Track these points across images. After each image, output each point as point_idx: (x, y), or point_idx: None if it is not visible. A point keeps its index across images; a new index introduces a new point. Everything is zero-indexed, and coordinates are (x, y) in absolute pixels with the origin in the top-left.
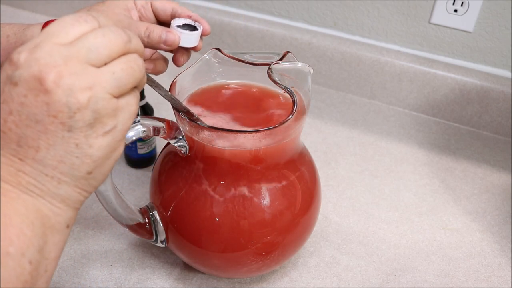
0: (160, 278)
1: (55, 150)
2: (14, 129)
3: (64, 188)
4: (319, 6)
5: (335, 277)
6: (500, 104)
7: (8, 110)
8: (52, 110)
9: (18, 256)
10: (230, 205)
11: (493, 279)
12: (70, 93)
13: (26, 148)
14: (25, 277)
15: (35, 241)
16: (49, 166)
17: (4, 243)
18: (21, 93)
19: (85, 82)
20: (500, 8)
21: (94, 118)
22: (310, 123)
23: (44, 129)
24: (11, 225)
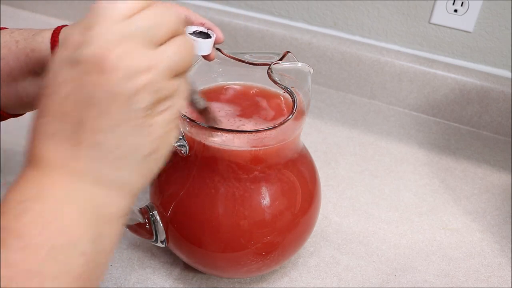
0: (160, 278)
1: (115, 132)
2: (71, 111)
3: (122, 174)
4: (319, 6)
5: (335, 277)
6: (500, 104)
7: (66, 92)
8: (114, 90)
9: (68, 248)
10: (230, 205)
11: (493, 279)
12: (131, 74)
13: (83, 132)
14: (77, 271)
15: (88, 232)
16: (108, 150)
17: (53, 234)
18: (80, 74)
19: (143, 63)
20: (500, 8)
21: (152, 99)
22: (310, 123)
23: (105, 110)
24: (62, 214)
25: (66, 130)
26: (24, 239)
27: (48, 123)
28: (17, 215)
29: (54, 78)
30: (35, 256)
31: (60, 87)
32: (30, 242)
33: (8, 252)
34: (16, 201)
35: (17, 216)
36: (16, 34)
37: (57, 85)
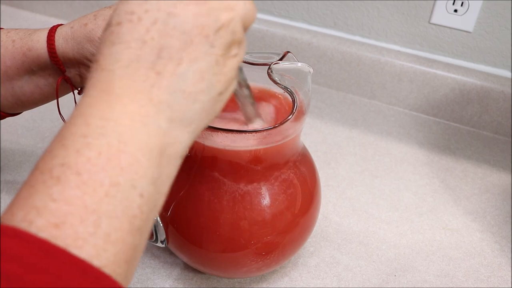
0: (160, 278)
1: (197, 64)
2: (157, 38)
3: (196, 109)
4: (319, 6)
5: (335, 277)
6: (500, 104)
7: (153, 19)
8: (199, 22)
9: (128, 187)
10: (230, 205)
11: (493, 279)
12: (218, 9)
13: (167, 60)
14: (133, 211)
15: (149, 172)
16: (189, 82)
17: (113, 172)
18: (170, 2)
19: (229, 3)
20: (500, 8)
21: (230, 39)
22: (310, 123)
23: (189, 40)
24: (124, 151)
25: (148, 58)
26: (84, 176)
27: (125, 49)
28: (79, 150)
29: (139, 5)
30: (93, 194)
31: (146, 14)
32: (89, 179)
33: (66, 188)
34: (79, 134)
35: (79, 152)
36: (12, 33)
37: (142, 12)
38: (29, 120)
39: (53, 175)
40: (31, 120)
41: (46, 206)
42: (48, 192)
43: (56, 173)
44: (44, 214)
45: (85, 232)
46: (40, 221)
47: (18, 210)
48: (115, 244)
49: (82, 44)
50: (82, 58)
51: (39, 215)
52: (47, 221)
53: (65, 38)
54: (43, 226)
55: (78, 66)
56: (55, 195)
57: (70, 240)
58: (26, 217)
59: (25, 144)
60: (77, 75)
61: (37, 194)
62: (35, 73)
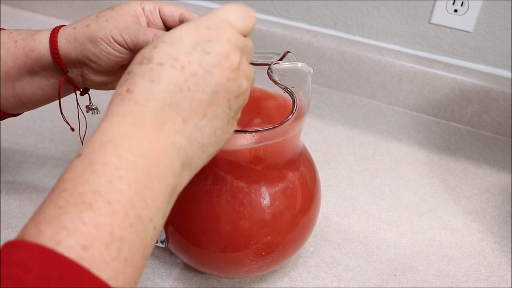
0: (160, 278)
1: (215, 121)
2: (192, 90)
3: (202, 158)
4: (319, 6)
5: (335, 277)
6: (500, 104)
7: (194, 72)
8: (228, 85)
9: (148, 220)
10: (230, 205)
11: (493, 279)
12: (243, 76)
13: (194, 112)
14: (147, 241)
15: (163, 207)
16: (205, 135)
17: (139, 205)
18: (211, 62)
19: (249, 73)
20: (500, 8)
21: (242, 104)
22: (310, 123)
23: (215, 100)
24: (150, 188)
25: (181, 105)
26: (115, 205)
27: (163, 92)
28: (112, 181)
29: (184, 55)
30: (120, 223)
31: (189, 65)
32: (119, 209)
33: (97, 214)
34: (111, 165)
35: (112, 183)
36: (14, 34)
37: (186, 62)
38: (29, 120)
39: (85, 200)
40: (31, 120)
41: (77, 228)
42: (79, 216)
43: (87, 198)
44: (74, 236)
45: (108, 256)
46: (70, 241)
47: (46, 229)
48: (130, 268)
49: (85, 45)
50: (84, 58)
51: (69, 235)
52: (76, 242)
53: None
54: (72, 247)
55: (81, 67)
56: (86, 219)
57: (94, 262)
58: (54, 236)
59: (25, 144)
60: (79, 75)
61: (67, 216)
62: (37, 74)
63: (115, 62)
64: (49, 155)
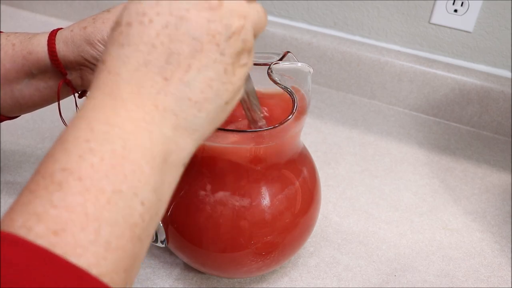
0: (160, 278)
1: (206, 72)
2: (167, 43)
3: (202, 117)
4: (319, 6)
5: (335, 277)
6: (500, 104)
7: (164, 23)
8: (211, 29)
9: (130, 195)
10: (230, 205)
11: (493, 279)
12: (230, 16)
13: (175, 66)
14: (134, 219)
15: (152, 179)
16: (196, 89)
17: (116, 179)
18: (183, 7)
19: (241, 10)
20: (500, 8)
21: (241, 48)
22: (310, 123)
23: (199, 47)
24: (128, 158)
25: (157, 63)
26: (86, 182)
27: (134, 53)
28: (82, 155)
29: (151, 7)
30: (95, 201)
31: (157, 17)
32: (91, 186)
33: (67, 194)
34: (82, 139)
35: (82, 157)
36: (12, 37)
37: (154, 15)
38: (29, 120)
39: (55, 180)
40: (31, 120)
41: (47, 212)
42: (49, 198)
43: (57, 178)
44: (44, 221)
45: (85, 239)
46: (40, 228)
47: (18, 216)
48: (115, 252)
49: (82, 47)
50: (83, 60)
51: (38, 221)
52: (47, 228)
53: (65, 41)
54: (42, 233)
55: (79, 69)
56: (56, 201)
57: (69, 248)
58: (25, 223)
59: (25, 145)
60: (78, 77)
61: (38, 200)
62: (35, 77)
63: None
64: None
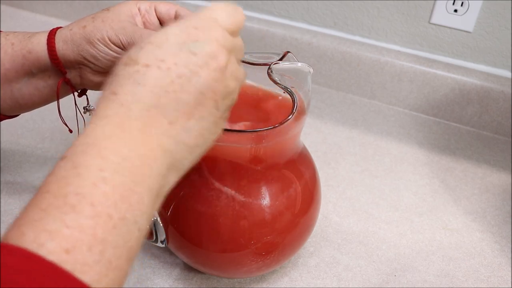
0: (160, 278)
1: (202, 123)
2: (178, 92)
3: (189, 159)
4: (319, 6)
5: (335, 277)
6: (500, 104)
7: (179, 74)
8: (215, 87)
9: (132, 222)
10: (230, 205)
11: (493, 279)
12: (230, 78)
13: (180, 113)
14: (131, 243)
15: (148, 210)
16: (192, 137)
17: (122, 207)
18: (197, 63)
19: (237, 74)
20: (500, 8)
21: (230, 105)
22: (310, 123)
23: (202, 102)
24: (134, 191)
25: (167, 107)
26: (98, 208)
27: (148, 93)
28: (95, 183)
29: (170, 56)
30: (103, 225)
31: (175, 67)
32: (102, 211)
33: (80, 217)
34: (96, 167)
35: (95, 185)
36: (11, 36)
37: (172, 64)
38: (29, 120)
39: (68, 202)
40: (31, 120)
41: (59, 231)
42: (62, 218)
43: (71, 201)
44: (56, 239)
45: (91, 259)
46: (52, 245)
47: (29, 231)
48: (114, 271)
49: (82, 46)
50: (82, 59)
51: (51, 238)
52: (59, 245)
53: (65, 40)
54: (53, 250)
55: (79, 68)
56: (68, 222)
57: (77, 265)
58: (36, 239)
59: (25, 145)
60: (78, 76)
61: (51, 218)
62: (34, 76)
63: (112, 62)
64: (49, 155)
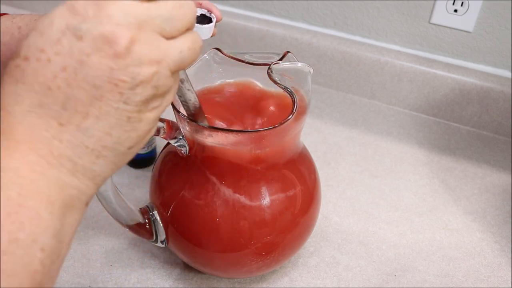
0: (160, 278)
1: (105, 120)
2: (64, 88)
3: (100, 164)
4: (319, 6)
5: (335, 277)
6: (500, 104)
7: (62, 65)
8: (114, 77)
9: (29, 242)
10: (230, 205)
11: (493, 279)
12: (139, 63)
13: (72, 113)
14: (35, 266)
15: (51, 224)
16: (94, 137)
17: (12, 227)
18: (84, 50)
19: (154, 55)
20: (500, 8)
21: (151, 94)
22: (310, 123)
23: (99, 96)
24: (25, 206)
25: (52, 106)
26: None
27: (28, 92)
28: None
29: (51, 45)
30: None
31: (56, 57)
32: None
33: None
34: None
35: None
36: (17, 19)
37: (52, 54)
38: None
39: None
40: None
41: None
42: None
43: None
44: None
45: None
46: None
47: None
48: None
49: None
50: None
51: None
52: None
53: None
54: None
55: None
56: None
57: None
58: None
59: None
60: None
61: None
62: None
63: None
64: None
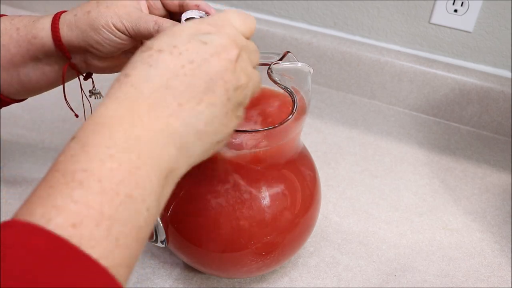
0: (160, 278)
1: (213, 109)
2: (189, 75)
3: (198, 146)
4: (319, 6)
5: (335, 277)
6: (500, 104)
7: (191, 59)
8: (226, 75)
9: (139, 201)
10: (230, 205)
11: (493, 279)
12: (241, 71)
13: (190, 96)
14: (140, 223)
15: (157, 190)
16: (202, 122)
17: (129, 184)
18: (208, 51)
19: (249, 71)
20: (500, 8)
21: (241, 101)
22: (310, 123)
23: (212, 87)
24: (141, 168)
25: (177, 88)
26: (105, 184)
27: (159, 76)
28: (103, 160)
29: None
30: (111, 201)
31: (186, 52)
32: (109, 188)
33: (87, 192)
34: (103, 145)
35: (102, 161)
36: (16, 21)
37: (184, 50)
38: (29, 120)
39: (76, 179)
40: (31, 120)
41: (67, 206)
42: (69, 194)
43: (78, 177)
44: (64, 214)
45: (98, 234)
46: (59, 220)
47: (37, 208)
48: (122, 249)
49: (86, 32)
50: (87, 45)
51: (59, 214)
52: (66, 220)
53: (69, 26)
54: (61, 225)
55: (83, 53)
56: (76, 197)
57: (84, 240)
58: (45, 214)
59: (25, 144)
60: (83, 61)
61: (58, 195)
62: (41, 60)
63: (117, 48)
64: (49, 155)
